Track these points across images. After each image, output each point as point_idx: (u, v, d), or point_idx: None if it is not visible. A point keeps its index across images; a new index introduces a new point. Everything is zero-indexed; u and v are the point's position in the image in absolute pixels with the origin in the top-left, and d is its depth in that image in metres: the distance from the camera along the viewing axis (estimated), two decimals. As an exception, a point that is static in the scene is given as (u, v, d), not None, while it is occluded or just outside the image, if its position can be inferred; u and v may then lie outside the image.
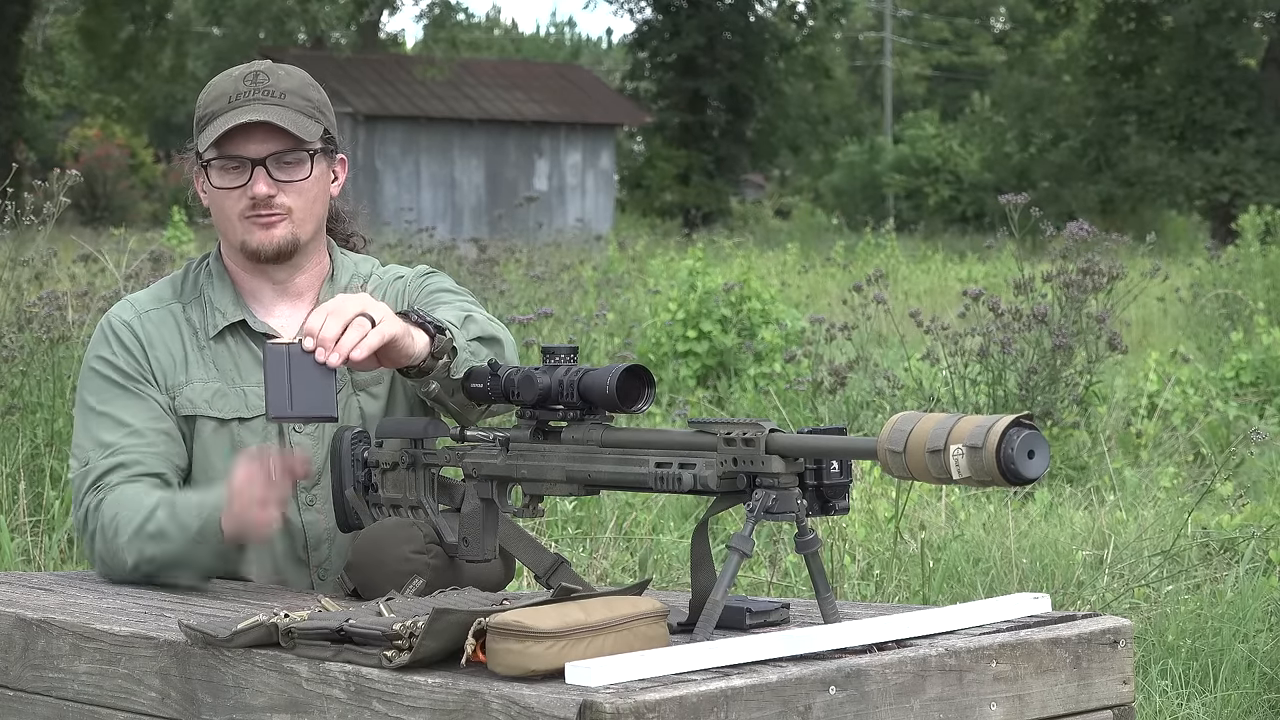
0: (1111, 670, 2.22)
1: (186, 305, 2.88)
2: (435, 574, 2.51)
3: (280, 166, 2.79)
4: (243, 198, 2.80)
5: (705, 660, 1.96)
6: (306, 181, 2.81)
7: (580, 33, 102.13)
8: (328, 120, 2.85)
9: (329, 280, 2.91)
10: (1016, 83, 37.78)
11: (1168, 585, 5.00)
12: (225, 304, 2.86)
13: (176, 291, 2.90)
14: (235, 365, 2.84)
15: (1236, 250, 15.07)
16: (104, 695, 2.31)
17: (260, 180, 2.78)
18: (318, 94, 2.86)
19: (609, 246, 17.21)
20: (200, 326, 2.86)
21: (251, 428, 2.81)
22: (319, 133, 2.82)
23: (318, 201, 2.85)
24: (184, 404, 2.82)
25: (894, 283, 16.09)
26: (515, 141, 32.37)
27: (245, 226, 2.81)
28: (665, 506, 5.77)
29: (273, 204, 2.79)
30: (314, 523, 2.81)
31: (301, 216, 2.82)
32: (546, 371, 2.32)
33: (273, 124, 2.76)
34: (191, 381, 2.82)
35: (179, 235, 15.83)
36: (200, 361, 2.84)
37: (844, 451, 2.09)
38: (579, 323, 9.47)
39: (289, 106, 2.79)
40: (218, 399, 2.82)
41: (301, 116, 2.80)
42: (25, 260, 7.29)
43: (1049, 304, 7.34)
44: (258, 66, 2.83)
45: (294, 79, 2.83)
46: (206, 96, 2.82)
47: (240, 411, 2.82)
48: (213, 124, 2.79)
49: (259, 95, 2.78)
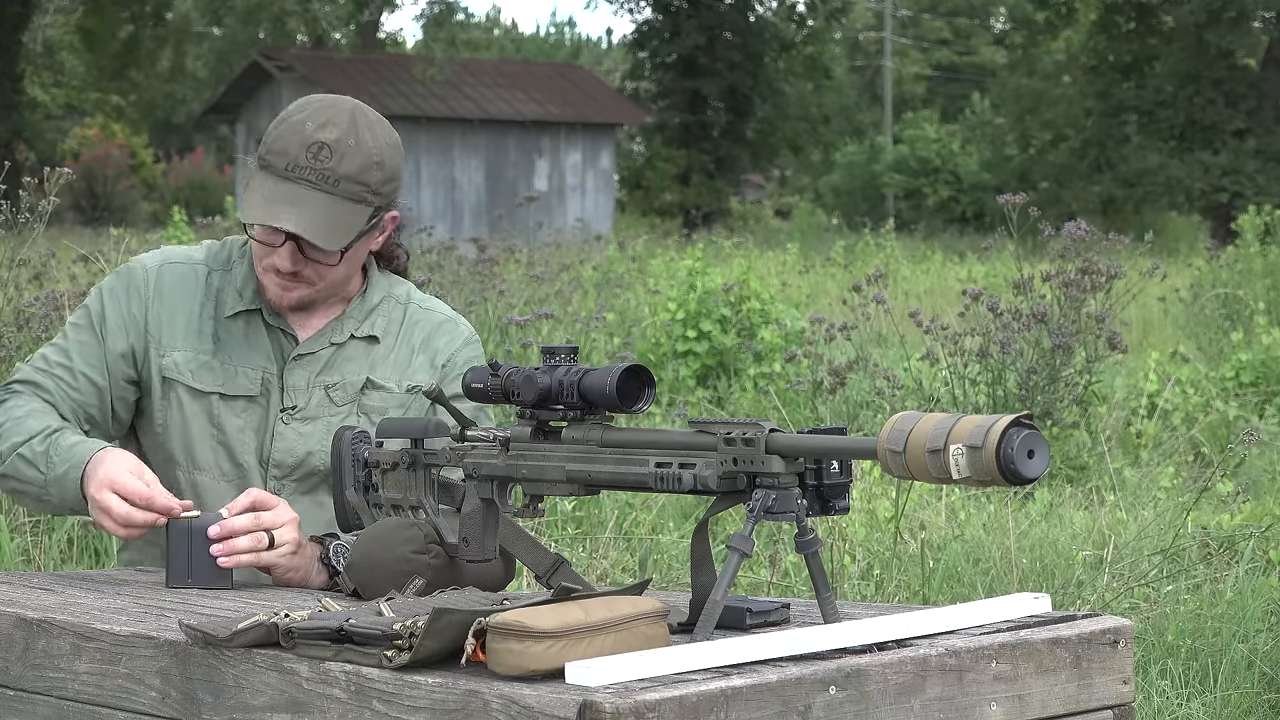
0: (1111, 670, 2.22)
1: (213, 272, 2.92)
2: (435, 574, 2.51)
3: (311, 246, 2.79)
4: (270, 255, 2.82)
5: (705, 660, 1.96)
6: (335, 266, 2.83)
7: (580, 33, 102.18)
8: (382, 198, 2.80)
9: (360, 297, 2.94)
10: (1016, 84, 37.79)
11: (1168, 585, 5.00)
12: (248, 290, 2.90)
13: (210, 256, 2.94)
14: (237, 345, 2.89)
15: (1236, 250, 15.08)
16: (104, 695, 2.31)
17: (286, 255, 2.80)
18: (379, 173, 2.78)
19: (609, 246, 17.21)
20: (220, 300, 2.90)
21: (232, 406, 2.87)
22: (361, 221, 2.78)
23: (346, 277, 2.88)
24: (169, 366, 2.88)
25: (894, 283, 16.10)
26: (515, 141, 32.38)
27: (265, 276, 2.85)
28: (665, 506, 5.77)
29: (296, 276, 2.82)
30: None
31: (324, 287, 2.86)
32: (546, 371, 2.32)
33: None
34: (184, 348, 2.88)
35: (179, 235, 15.84)
36: (202, 331, 2.88)
37: (844, 451, 2.09)
38: (579, 323, 9.47)
39: (338, 195, 2.75)
40: (202, 371, 2.87)
41: (348, 206, 2.76)
42: (24, 260, 7.29)
43: (1048, 304, 7.34)
44: (327, 136, 2.75)
45: (358, 157, 2.76)
46: (273, 138, 2.79)
47: (223, 388, 2.87)
48: (264, 182, 2.76)
49: (312, 178, 2.74)
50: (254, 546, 2.65)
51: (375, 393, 2.89)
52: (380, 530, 2.57)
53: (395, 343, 2.93)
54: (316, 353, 2.89)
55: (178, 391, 2.87)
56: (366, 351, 2.91)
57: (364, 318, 2.92)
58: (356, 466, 2.68)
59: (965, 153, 40.83)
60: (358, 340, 2.91)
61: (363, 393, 2.89)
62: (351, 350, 2.90)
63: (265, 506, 2.69)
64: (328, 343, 2.89)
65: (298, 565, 2.70)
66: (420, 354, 2.92)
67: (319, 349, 2.89)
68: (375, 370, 2.90)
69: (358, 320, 2.91)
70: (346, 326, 2.91)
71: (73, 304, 6.63)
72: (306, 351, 2.88)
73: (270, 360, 2.88)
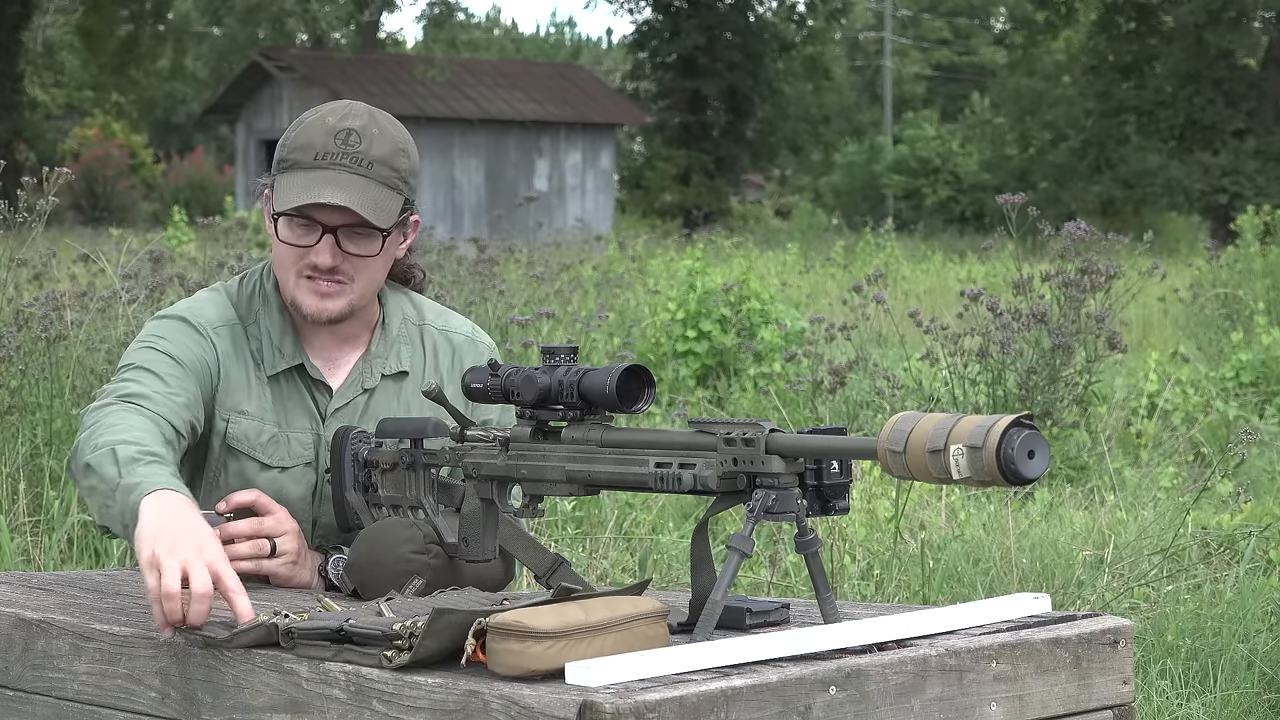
0: (1111, 670, 2.22)
1: (247, 329, 2.77)
2: (435, 574, 2.51)
3: (351, 238, 2.69)
4: (305, 257, 2.69)
5: (705, 660, 1.96)
6: (375, 259, 2.71)
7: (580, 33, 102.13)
8: (410, 188, 2.73)
9: (381, 328, 2.82)
10: (1016, 84, 37.78)
11: (1167, 585, 5.00)
12: (286, 344, 2.77)
13: (238, 312, 2.78)
14: (285, 409, 2.77)
15: (1236, 250, 15.07)
16: (104, 695, 2.31)
17: (326, 250, 2.68)
18: (406, 161, 2.72)
19: (609, 246, 17.20)
20: (259, 359, 2.76)
21: (293, 476, 2.76)
22: (398, 208, 2.70)
23: (381, 269, 2.75)
24: (238, 436, 2.74)
25: (894, 283, 16.09)
26: (515, 141, 32.37)
27: (300, 286, 2.71)
28: (665, 506, 5.77)
29: (336, 273, 2.70)
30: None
31: (362, 289, 2.72)
32: (546, 371, 2.32)
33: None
34: (250, 416, 2.74)
35: (179, 235, 15.84)
36: (260, 396, 2.75)
37: (844, 451, 2.09)
38: (579, 323, 9.46)
39: (374, 179, 2.67)
40: (270, 445, 2.74)
41: (384, 191, 2.68)
42: (23, 260, 7.29)
43: (1048, 304, 7.34)
44: (352, 123, 2.69)
45: (385, 143, 2.69)
46: (294, 140, 2.69)
47: (284, 461, 2.75)
48: (293, 177, 2.67)
49: (346, 162, 2.66)
50: (255, 554, 2.61)
51: None
52: (380, 530, 2.57)
53: (424, 374, 2.82)
54: (351, 402, 2.77)
55: (243, 462, 2.74)
56: (398, 390, 2.80)
57: (389, 352, 2.81)
58: (356, 466, 2.68)
59: (965, 153, 40.82)
60: (388, 379, 2.80)
61: (370, 401, 2.79)
62: (383, 393, 2.79)
63: (266, 511, 2.65)
64: (360, 389, 2.78)
65: (297, 575, 2.66)
66: (450, 382, 2.81)
67: (353, 397, 2.78)
68: (410, 412, 2.79)
69: (384, 358, 2.80)
70: (375, 368, 2.79)
71: (73, 304, 6.62)
72: (341, 404, 2.77)
73: (314, 419, 2.76)
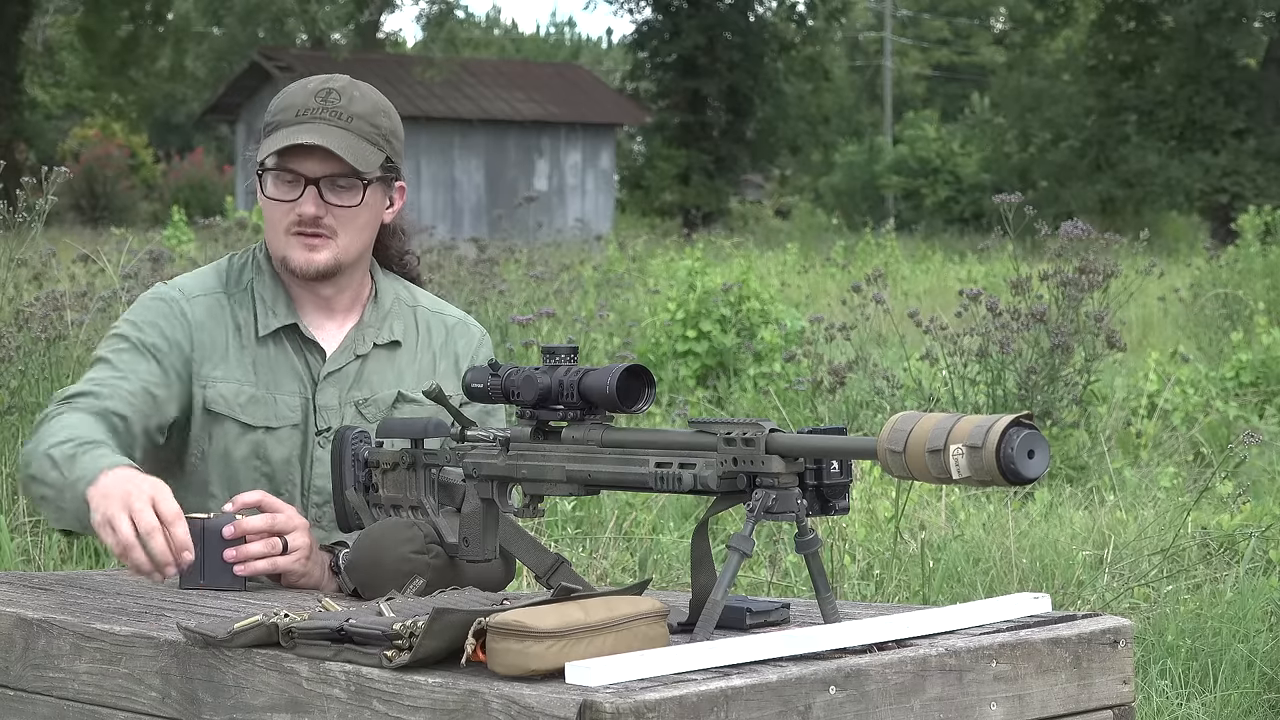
0: (1111, 670, 2.22)
1: (232, 297, 2.86)
2: (435, 574, 2.51)
3: (333, 189, 2.78)
4: (291, 212, 2.79)
5: (705, 660, 1.96)
6: (357, 209, 2.80)
7: (580, 33, 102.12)
8: (392, 149, 2.83)
9: (373, 301, 2.90)
10: (1016, 83, 37.78)
11: (1167, 585, 5.00)
12: (279, 305, 2.85)
13: (223, 282, 2.87)
14: (273, 371, 2.83)
15: (1236, 250, 15.07)
16: (104, 695, 2.31)
17: (310, 200, 2.78)
18: (387, 121, 2.83)
19: (609, 246, 17.20)
20: (246, 324, 2.84)
21: (278, 437, 2.80)
22: (379, 161, 2.80)
23: (366, 228, 2.84)
24: (215, 399, 2.80)
25: (893, 283, 16.09)
26: (515, 141, 32.39)
27: (289, 243, 2.80)
28: (665, 506, 5.77)
29: (319, 225, 2.79)
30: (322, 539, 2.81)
31: (347, 241, 2.81)
32: (546, 371, 2.32)
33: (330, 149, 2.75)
34: (228, 379, 2.80)
35: (179, 235, 15.83)
36: (240, 361, 2.82)
37: (844, 451, 2.09)
38: (579, 323, 9.46)
39: (353, 131, 2.77)
40: (251, 405, 2.80)
41: (364, 144, 2.78)
42: (23, 260, 7.29)
43: (1046, 304, 7.34)
44: (333, 84, 2.81)
45: (366, 102, 2.80)
46: (277, 104, 2.81)
47: (269, 421, 2.80)
48: (275, 134, 2.77)
49: (326, 115, 2.77)
50: (268, 551, 2.62)
51: (407, 406, 2.86)
52: (380, 530, 2.57)
53: (416, 348, 2.90)
54: (344, 368, 2.84)
55: (224, 425, 2.79)
56: (391, 360, 2.88)
57: (381, 323, 2.89)
58: (356, 466, 2.68)
59: (965, 153, 40.82)
60: (380, 348, 2.87)
61: (395, 407, 2.85)
62: (376, 361, 2.87)
63: (274, 509, 2.66)
64: (352, 355, 2.85)
65: (310, 571, 2.67)
66: (443, 359, 2.90)
67: (345, 363, 2.84)
68: (404, 381, 2.87)
69: (376, 327, 2.88)
70: (368, 336, 2.87)
71: (73, 304, 6.63)
72: (334, 368, 2.83)
73: (303, 383, 2.83)
